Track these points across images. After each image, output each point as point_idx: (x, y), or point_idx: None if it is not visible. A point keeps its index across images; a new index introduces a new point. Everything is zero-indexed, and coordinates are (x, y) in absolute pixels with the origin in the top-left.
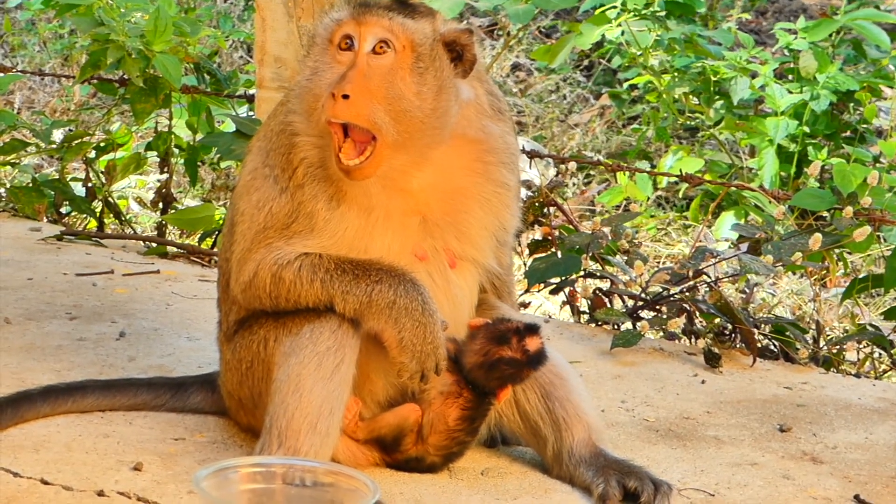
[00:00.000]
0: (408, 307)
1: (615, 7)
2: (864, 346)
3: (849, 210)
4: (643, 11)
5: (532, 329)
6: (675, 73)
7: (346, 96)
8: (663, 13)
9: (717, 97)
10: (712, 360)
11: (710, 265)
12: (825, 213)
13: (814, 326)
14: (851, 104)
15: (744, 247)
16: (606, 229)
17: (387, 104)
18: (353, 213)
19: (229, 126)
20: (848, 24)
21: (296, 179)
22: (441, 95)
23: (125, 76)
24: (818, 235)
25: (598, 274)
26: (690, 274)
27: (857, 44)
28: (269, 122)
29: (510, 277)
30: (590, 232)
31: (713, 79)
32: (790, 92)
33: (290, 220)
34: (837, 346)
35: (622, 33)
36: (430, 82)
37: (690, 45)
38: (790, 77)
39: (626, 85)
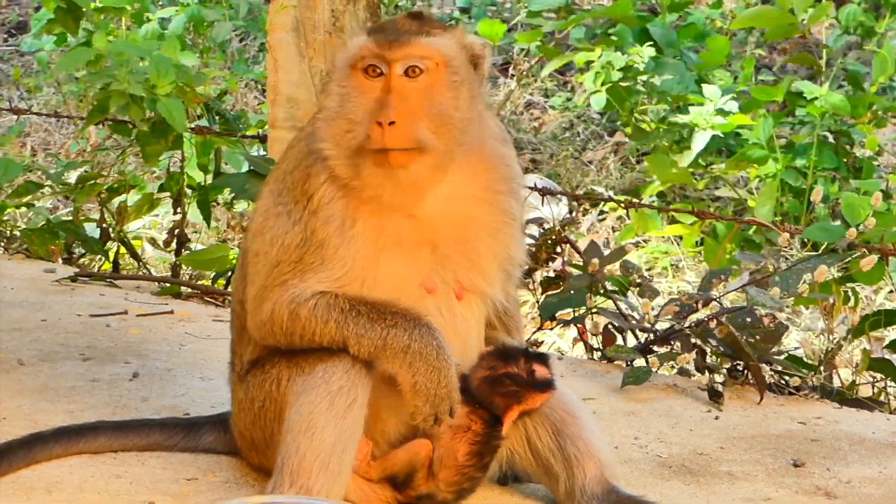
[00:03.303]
0: (422, 352)
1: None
2: (878, 381)
3: (853, 231)
4: (628, 62)
5: (541, 357)
6: (663, 125)
7: (391, 123)
8: (644, 63)
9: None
10: (715, 397)
11: (716, 298)
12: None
13: (823, 359)
14: (855, 136)
15: (750, 286)
16: (616, 265)
17: (429, 122)
18: (364, 236)
19: (238, 166)
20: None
21: (311, 207)
22: (473, 105)
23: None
24: (823, 267)
25: (609, 311)
26: (699, 306)
27: (854, 76)
28: (280, 164)
29: (518, 313)
30: (590, 274)
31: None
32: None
33: (302, 251)
34: (841, 367)
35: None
36: (464, 94)
37: (677, 97)
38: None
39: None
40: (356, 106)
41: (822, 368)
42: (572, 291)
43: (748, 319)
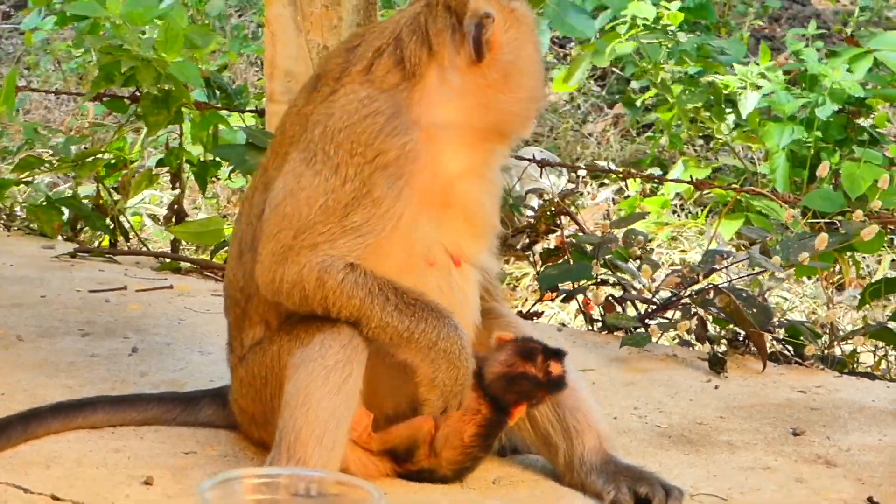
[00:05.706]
0: (447, 350)
1: (625, 22)
2: (880, 349)
3: (859, 213)
4: (652, 25)
5: (558, 353)
6: (687, 86)
7: None
8: (673, 26)
9: (729, 111)
10: (717, 366)
11: (719, 269)
12: (838, 219)
13: (827, 330)
14: (864, 109)
15: (753, 249)
16: (619, 232)
17: None
18: (415, 197)
19: (236, 140)
20: (874, 51)
21: (380, 161)
22: None
23: (137, 92)
24: (824, 235)
25: (611, 281)
26: (700, 277)
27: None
28: (312, 128)
29: (499, 281)
30: (600, 234)
31: (724, 92)
32: (795, 97)
33: (347, 210)
34: (845, 342)
35: (636, 49)
36: None
37: (701, 59)
38: (802, 84)
39: (639, 99)
40: None
41: (825, 339)
42: (572, 262)
43: (743, 294)
